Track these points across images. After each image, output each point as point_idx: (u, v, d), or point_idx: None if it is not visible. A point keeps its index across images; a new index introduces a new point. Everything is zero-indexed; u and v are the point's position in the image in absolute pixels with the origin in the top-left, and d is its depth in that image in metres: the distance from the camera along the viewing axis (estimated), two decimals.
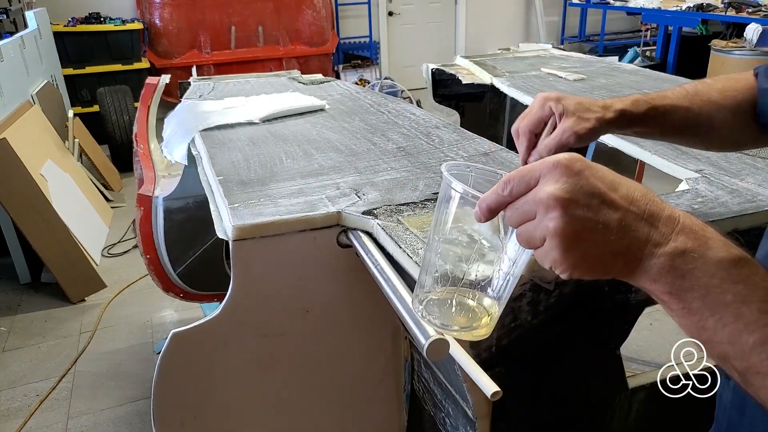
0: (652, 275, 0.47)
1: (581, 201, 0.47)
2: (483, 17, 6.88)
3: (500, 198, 0.50)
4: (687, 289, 0.46)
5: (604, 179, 0.48)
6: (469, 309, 0.60)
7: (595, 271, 0.49)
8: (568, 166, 0.47)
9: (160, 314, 2.78)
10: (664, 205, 0.48)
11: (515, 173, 0.49)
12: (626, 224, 0.47)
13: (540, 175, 0.48)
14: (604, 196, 0.47)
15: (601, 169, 0.49)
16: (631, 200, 0.48)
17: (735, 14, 4.99)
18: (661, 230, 0.47)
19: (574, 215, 0.46)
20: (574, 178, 0.47)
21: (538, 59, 2.42)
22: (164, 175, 1.88)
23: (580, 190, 0.47)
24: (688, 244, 0.46)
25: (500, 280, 0.56)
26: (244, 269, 1.01)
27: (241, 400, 1.11)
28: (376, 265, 0.89)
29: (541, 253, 0.49)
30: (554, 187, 0.47)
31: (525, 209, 0.49)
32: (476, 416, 0.85)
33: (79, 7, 5.11)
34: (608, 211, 0.47)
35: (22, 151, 2.83)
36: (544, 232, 0.47)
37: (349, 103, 1.81)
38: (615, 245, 0.47)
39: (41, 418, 2.15)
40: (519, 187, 0.49)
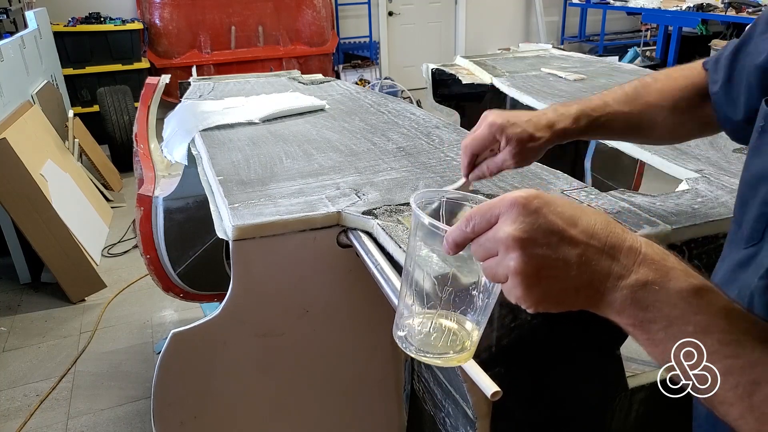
0: (615, 308, 0.48)
1: (539, 240, 0.47)
2: (483, 17, 6.88)
3: (464, 234, 0.51)
4: (650, 321, 0.47)
5: (563, 215, 0.48)
6: (450, 332, 0.60)
7: (560, 305, 0.49)
8: (525, 204, 0.48)
9: (160, 314, 2.78)
10: (626, 236, 0.49)
11: (476, 210, 0.50)
12: (586, 259, 0.47)
13: (499, 213, 0.49)
14: (563, 233, 0.47)
15: (560, 204, 0.49)
16: (591, 234, 0.48)
17: (735, 14, 4.99)
18: (623, 262, 0.47)
19: (533, 254, 0.47)
20: (531, 217, 0.47)
21: (538, 59, 2.42)
22: (164, 175, 1.88)
23: (537, 229, 0.47)
24: (649, 276, 0.47)
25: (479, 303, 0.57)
26: (244, 269, 1.01)
27: (241, 400, 1.11)
28: (376, 265, 0.89)
29: (506, 288, 0.50)
30: (512, 228, 0.47)
31: (487, 246, 0.49)
32: (476, 416, 0.85)
33: (79, 7, 5.11)
34: (567, 248, 0.47)
35: (22, 151, 2.84)
36: (506, 271, 0.48)
37: (349, 103, 1.81)
38: (576, 280, 0.48)
39: (41, 418, 2.15)
40: (480, 225, 0.50)
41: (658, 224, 0.92)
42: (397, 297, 0.81)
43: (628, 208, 0.98)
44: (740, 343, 0.45)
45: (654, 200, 1.00)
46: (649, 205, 0.98)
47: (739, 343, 0.45)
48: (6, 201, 2.72)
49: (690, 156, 1.22)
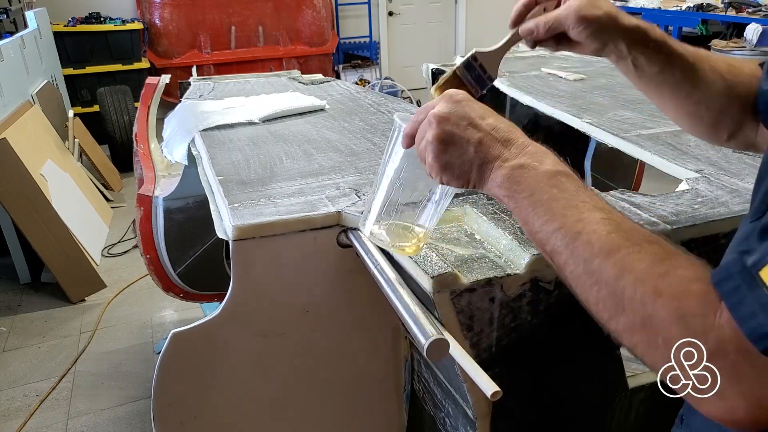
0: (497, 181, 0.62)
1: (452, 120, 0.63)
2: (483, 17, 6.88)
3: (414, 123, 0.67)
4: (519, 192, 0.60)
5: (476, 111, 0.64)
6: (407, 228, 0.77)
7: (458, 177, 0.64)
8: (451, 96, 0.65)
9: (160, 314, 2.78)
10: (522, 138, 0.63)
11: (423, 106, 0.67)
12: (484, 143, 0.63)
13: (435, 104, 0.65)
14: (472, 120, 0.63)
15: (479, 105, 0.65)
16: (494, 128, 0.63)
17: (735, 14, 4.99)
18: (512, 151, 0.62)
19: (444, 129, 0.63)
20: (453, 104, 0.64)
21: (538, 59, 2.42)
22: (164, 175, 1.88)
23: (454, 113, 0.63)
24: (527, 161, 0.61)
25: (428, 209, 0.75)
26: (244, 269, 1.01)
27: (240, 400, 1.11)
28: (376, 265, 0.89)
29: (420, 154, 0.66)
30: (437, 109, 0.64)
31: (422, 128, 0.66)
32: (476, 416, 0.85)
33: (79, 7, 5.10)
34: (472, 131, 0.63)
35: (22, 151, 2.84)
36: (426, 142, 0.64)
37: (349, 103, 1.81)
38: (473, 156, 0.63)
39: (41, 418, 2.15)
40: (422, 113, 0.66)
41: (658, 224, 0.92)
42: (397, 297, 0.81)
43: (628, 208, 0.98)
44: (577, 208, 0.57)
45: (654, 200, 1.00)
46: (649, 205, 0.98)
47: (576, 207, 0.57)
48: (6, 201, 2.72)
49: (690, 156, 1.22)
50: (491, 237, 0.92)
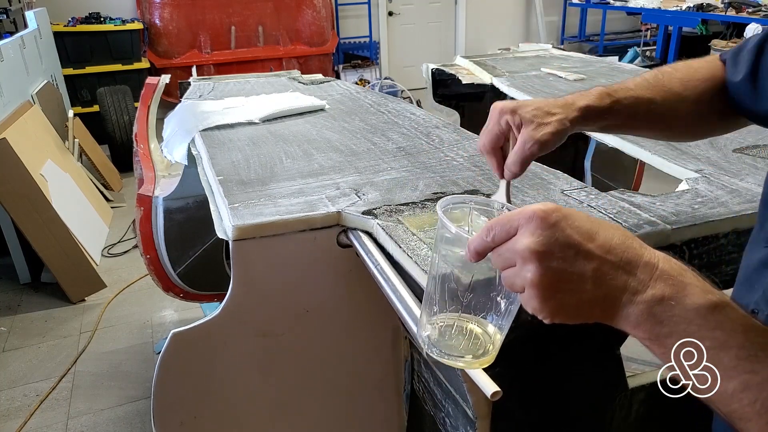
0: (632, 322, 0.48)
1: (556, 253, 0.48)
2: (483, 17, 6.88)
3: (485, 243, 0.52)
4: (666, 336, 0.47)
5: (581, 229, 0.49)
6: (472, 335, 0.60)
7: (576, 317, 0.50)
8: (544, 218, 0.48)
9: (160, 314, 2.78)
10: (643, 251, 0.49)
11: (497, 220, 0.51)
12: (602, 273, 0.48)
13: (518, 225, 0.49)
14: (579, 247, 0.48)
15: (578, 218, 0.50)
16: (608, 249, 0.49)
17: (735, 14, 4.99)
18: (639, 277, 0.48)
19: (550, 267, 0.48)
20: (549, 230, 0.48)
21: (538, 59, 2.42)
22: (164, 175, 1.88)
23: (555, 243, 0.48)
24: (666, 291, 0.47)
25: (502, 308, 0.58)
26: (244, 269, 1.01)
27: (240, 400, 1.11)
28: (376, 265, 0.89)
29: (523, 299, 0.51)
30: (530, 240, 0.48)
31: (506, 257, 0.50)
32: (476, 416, 0.85)
33: (79, 7, 5.10)
34: (583, 262, 0.48)
35: (22, 151, 2.83)
36: (523, 282, 0.49)
37: (349, 103, 1.81)
38: (592, 294, 0.48)
39: (41, 418, 2.15)
40: (500, 235, 0.50)
41: (658, 224, 0.92)
42: (397, 297, 0.81)
43: (628, 208, 0.98)
44: (758, 359, 0.44)
45: (654, 200, 1.00)
46: (649, 205, 0.98)
47: (757, 358, 0.44)
48: (6, 201, 2.72)
49: (690, 156, 1.22)
50: None
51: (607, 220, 0.94)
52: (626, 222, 0.93)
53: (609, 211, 0.97)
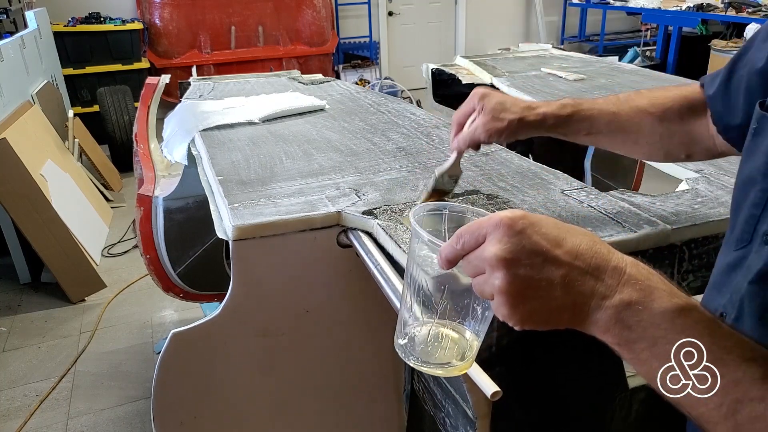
0: (600, 327, 0.49)
1: (523, 260, 0.48)
2: (483, 17, 6.88)
3: (455, 251, 0.51)
4: (635, 341, 0.47)
5: (548, 236, 0.49)
6: (450, 341, 0.60)
7: (546, 323, 0.50)
8: (510, 225, 0.48)
9: (160, 314, 2.78)
10: (611, 256, 0.49)
11: (467, 228, 0.51)
12: (570, 280, 0.48)
13: (486, 232, 0.49)
14: (547, 254, 0.48)
15: (545, 224, 0.49)
16: (576, 255, 0.49)
17: (735, 14, 4.99)
18: (607, 282, 0.48)
19: (517, 274, 0.48)
20: (516, 238, 0.48)
21: (538, 59, 2.42)
22: (164, 175, 1.88)
23: (522, 250, 0.48)
24: (633, 296, 0.47)
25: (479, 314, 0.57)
26: (244, 269, 1.01)
27: (240, 400, 1.11)
28: (376, 265, 0.89)
29: (493, 306, 0.51)
30: (497, 247, 0.48)
31: (475, 264, 0.50)
32: (476, 416, 0.85)
33: (79, 7, 5.10)
34: (551, 268, 0.48)
35: (22, 151, 2.83)
36: (492, 289, 0.49)
37: (349, 103, 1.81)
38: (561, 300, 0.48)
39: (41, 418, 2.15)
40: (469, 243, 0.50)
41: (658, 224, 0.92)
42: (397, 297, 0.81)
43: (628, 208, 0.98)
44: (723, 362, 0.45)
45: (654, 200, 1.00)
46: (649, 205, 0.98)
47: (722, 362, 0.45)
48: (6, 201, 2.72)
49: None
50: None
51: (607, 219, 0.94)
52: (626, 222, 0.93)
53: (609, 211, 0.97)
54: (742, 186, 0.62)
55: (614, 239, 0.88)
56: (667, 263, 0.93)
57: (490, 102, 0.86)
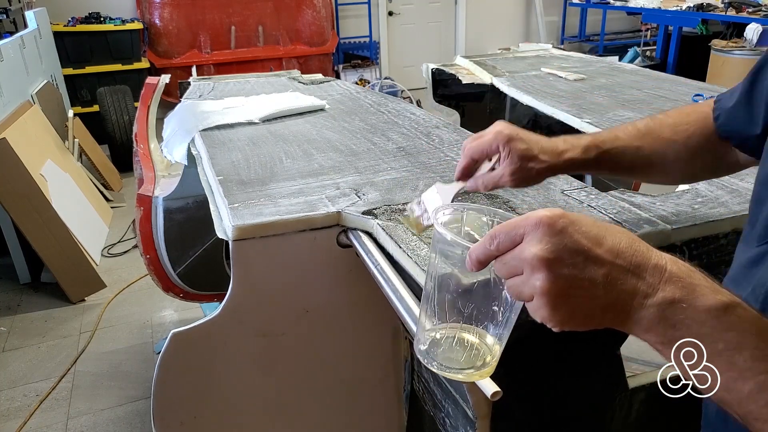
0: (643, 326, 0.48)
1: (565, 260, 0.47)
2: (483, 17, 6.88)
3: (488, 251, 0.50)
4: (679, 339, 0.46)
5: (588, 234, 0.48)
6: (472, 346, 0.59)
7: (587, 324, 0.49)
8: (550, 224, 0.47)
9: (160, 314, 2.78)
10: (651, 253, 0.48)
11: (501, 228, 0.50)
12: (612, 278, 0.47)
13: (524, 232, 0.48)
14: (588, 253, 0.47)
15: (585, 223, 0.49)
16: (617, 253, 0.48)
17: (735, 14, 4.98)
18: (648, 281, 0.47)
19: (560, 274, 0.47)
20: (557, 237, 0.47)
21: (538, 59, 2.42)
22: (164, 175, 1.88)
23: (563, 249, 0.47)
24: (676, 294, 0.46)
25: (500, 318, 0.56)
26: (244, 269, 1.01)
27: (240, 400, 1.11)
28: (376, 265, 0.89)
29: (531, 307, 0.49)
30: (538, 248, 0.47)
31: (512, 264, 0.49)
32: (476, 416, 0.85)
33: (79, 7, 5.10)
34: (593, 267, 0.47)
35: (22, 151, 2.83)
36: (532, 290, 0.48)
37: (349, 103, 1.81)
38: (603, 300, 0.48)
39: (41, 418, 2.15)
40: (505, 243, 0.49)
41: (658, 224, 0.92)
42: (397, 297, 0.81)
43: (628, 208, 0.98)
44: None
45: (654, 200, 1.00)
46: (649, 205, 0.98)
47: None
48: (6, 201, 2.72)
49: None
50: None
51: (607, 220, 0.94)
52: (626, 222, 0.93)
53: (609, 211, 0.97)
54: (764, 183, 0.62)
55: None
56: None
57: (517, 149, 0.80)
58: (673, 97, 1.76)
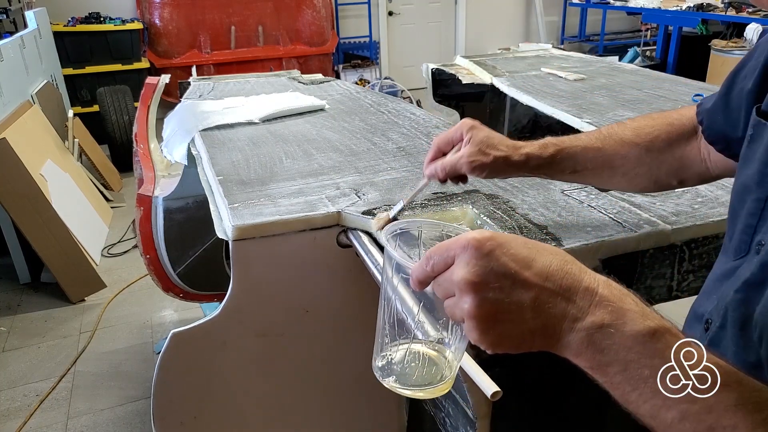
0: (572, 350, 0.47)
1: (491, 283, 0.47)
2: (483, 17, 6.88)
3: (426, 272, 0.51)
4: (607, 364, 0.46)
5: (517, 257, 0.48)
6: (429, 361, 0.58)
7: (518, 347, 0.49)
8: (477, 247, 0.47)
9: (160, 314, 2.78)
10: (583, 275, 0.48)
11: (435, 250, 0.50)
12: (541, 302, 0.47)
13: (455, 254, 0.48)
14: (516, 276, 0.47)
15: (514, 245, 0.48)
16: (546, 276, 0.47)
17: (735, 14, 4.99)
18: (579, 304, 0.47)
19: (486, 298, 0.47)
20: (483, 260, 0.47)
21: (538, 59, 2.42)
22: (164, 175, 1.88)
23: (490, 273, 0.47)
24: (605, 318, 0.46)
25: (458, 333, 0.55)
26: (244, 269, 1.01)
27: (240, 400, 1.11)
28: (376, 265, 0.89)
29: (465, 329, 0.49)
30: (464, 270, 0.47)
31: (445, 287, 0.49)
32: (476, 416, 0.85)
33: (79, 7, 5.10)
34: (521, 291, 0.47)
35: (22, 151, 2.83)
36: (461, 313, 0.48)
37: (349, 103, 1.81)
38: (532, 323, 0.47)
39: (41, 418, 2.15)
40: (439, 265, 0.49)
41: (658, 224, 0.92)
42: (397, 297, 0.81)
43: (628, 208, 0.98)
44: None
45: (654, 200, 1.00)
46: (649, 205, 0.98)
47: None
48: (6, 201, 2.72)
49: None
50: None
51: (607, 219, 0.94)
52: (626, 222, 0.93)
53: (609, 211, 0.97)
54: (738, 194, 0.62)
55: (614, 239, 0.88)
56: (667, 263, 0.93)
57: (478, 135, 0.82)
58: (673, 97, 1.76)
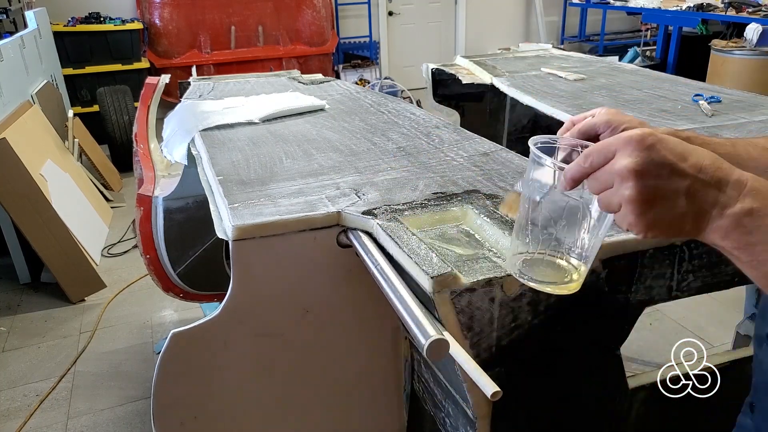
0: (720, 233, 0.53)
1: (652, 171, 0.52)
2: (483, 17, 6.88)
3: (582, 169, 0.56)
4: (755, 243, 0.51)
5: (674, 151, 0.53)
6: (559, 267, 0.65)
7: (668, 231, 0.55)
8: (640, 141, 0.53)
9: (160, 314, 2.78)
10: (733, 171, 0.53)
11: (594, 147, 0.56)
12: (694, 190, 0.53)
13: (616, 149, 0.54)
14: (673, 166, 0.53)
15: (671, 141, 0.54)
16: (700, 168, 0.53)
17: (735, 14, 4.98)
18: (729, 193, 0.52)
19: (646, 184, 0.52)
20: (645, 152, 0.53)
21: (538, 59, 2.42)
22: (164, 175, 1.88)
23: (651, 163, 0.52)
24: (754, 204, 0.51)
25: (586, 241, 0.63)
26: (244, 269, 1.01)
27: (240, 400, 1.11)
28: (376, 265, 0.89)
29: (619, 217, 0.55)
30: (628, 161, 0.53)
31: (604, 179, 0.55)
32: (476, 416, 0.85)
33: (79, 7, 5.11)
34: (677, 180, 0.53)
35: (22, 151, 2.83)
36: (620, 200, 0.54)
37: (349, 103, 1.81)
38: (684, 209, 0.53)
39: (41, 418, 2.15)
40: (598, 160, 0.55)
41: None
42: (397, 297, 0.81)
43: None
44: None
45: None
46: None
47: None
48: (6, 201, 2.72)
49: None
50: (491, 237, 0.92)
51: None
52: None
53: None
54: None
55: (614, 239, 0.88)
56: (667, 263, 0.93)
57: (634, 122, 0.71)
58: (673, 97, 1.76)
